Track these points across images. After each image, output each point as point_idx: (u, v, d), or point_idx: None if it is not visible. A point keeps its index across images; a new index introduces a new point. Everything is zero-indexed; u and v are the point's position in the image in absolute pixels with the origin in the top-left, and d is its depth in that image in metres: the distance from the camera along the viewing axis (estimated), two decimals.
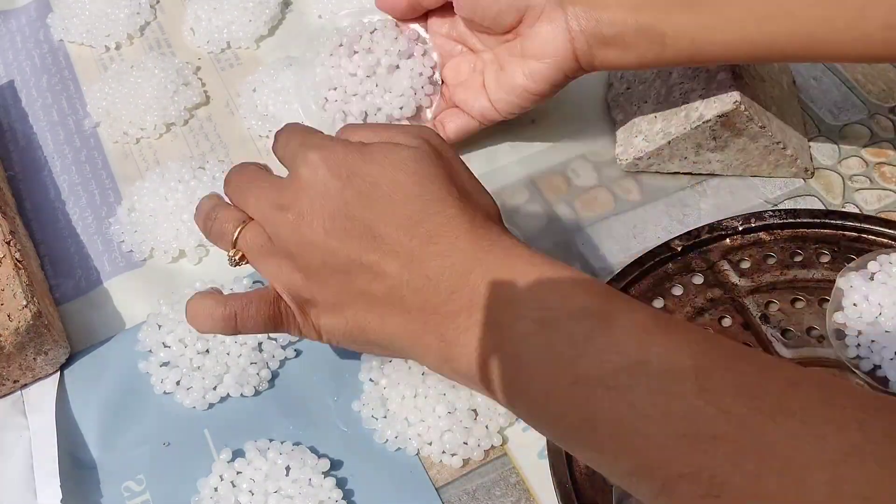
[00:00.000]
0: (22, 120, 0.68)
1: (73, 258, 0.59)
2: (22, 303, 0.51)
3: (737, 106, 0.54)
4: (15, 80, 0.71)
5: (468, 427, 0.49)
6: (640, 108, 0.61)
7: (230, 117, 0.67)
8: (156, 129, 0.66)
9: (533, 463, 0.49)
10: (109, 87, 0.67)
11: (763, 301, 0.52)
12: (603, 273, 0.55)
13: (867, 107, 0.62)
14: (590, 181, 0.60)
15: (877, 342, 0.48)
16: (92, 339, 0.55)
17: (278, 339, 0.53)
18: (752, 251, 0.54)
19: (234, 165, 0.48)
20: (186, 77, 0.68)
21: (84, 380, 0.54)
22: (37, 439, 0.51)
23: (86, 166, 0.65)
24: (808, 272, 0.53)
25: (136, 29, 0.73)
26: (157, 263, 0.59)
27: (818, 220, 0.54)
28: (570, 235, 0.58)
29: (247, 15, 0.71)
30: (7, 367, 0.51)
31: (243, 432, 0.50)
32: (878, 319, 0.48)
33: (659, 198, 0.59)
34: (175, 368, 0.52)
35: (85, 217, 0.62)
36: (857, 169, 0.59)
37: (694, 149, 0.57)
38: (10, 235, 0.55)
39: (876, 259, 0.50)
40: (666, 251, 0.54)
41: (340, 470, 0.49)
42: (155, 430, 0.51)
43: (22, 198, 0.63)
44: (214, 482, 0.48)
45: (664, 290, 0.53)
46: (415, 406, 0.49)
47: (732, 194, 0.58)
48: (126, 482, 0.49)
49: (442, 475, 0.49)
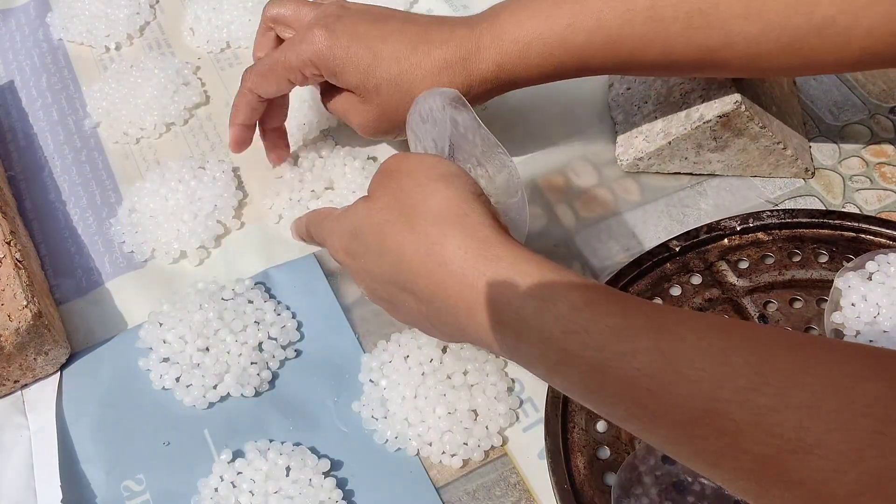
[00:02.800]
0: (22, 120, 0.68)
1: (73, 258, 0.60)
2: (22, 303, 0.51)
3: (737, 106, 0.55)
4: (15, 80, 0.71)
5: (468, 428, 0.49)
6: (641, 108, 0.61)
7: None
8: (156, 129, 0.66)
9: (533, 463, 0.49)
10: (109, 87, 0.67)
11: (761, 301, 0.52)
12: (603, 273, 0.55)
13: (867, 107, 0.62)
14: (590, 181, 0.60)
15: (875, 342, 0.48)
16: (92, 340, 0.55)
17: (278, 339, 0.54)
18: (751, 251, 0.54)
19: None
20: (186, 77, 0.68)
21: (84, 380, 0.54)
22: (37, 439, 0.51)
23: (86, 166, 0.65)
24: (807, 272, 0.53)
25: (136, 29, 0.73)
26: (158, 264, 0.59)
27: (816, 221, 0.54)
28: (570, 235, 0.58)
29: (246, 14, 0.71)
30: (7, 367, 0.52)
31: (243, 432, 0.51)
32: (877, 319, 0.48)
33: (659, 198, 0.59)
34: (175, 365, 0.52)
35: (85, 217, 0.62)
36: (857, 169, 0.59)
37: (694, 149, 0.57)
38: (10, 235, 0.55)
39: (874, 259, 0.50)
40: (664, 251, 0.54)
41: (340, 470, 0.49)
42: (155, 430, 0.51)
43: (22, 198, 0.63)
44: (215, 482, 0.48)
45: (663, 291, 0.53)
46: (415, 407, 0.50)
47: (733, 194, 0.58)
48: (126, 482, 0.50)
49: (442, 475, 0.49)
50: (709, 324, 0.36)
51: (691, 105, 0.57)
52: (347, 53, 0.52)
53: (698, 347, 0.34)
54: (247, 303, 0.55)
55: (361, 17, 0.54)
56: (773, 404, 0.32)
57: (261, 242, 0.59)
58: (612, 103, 0.64)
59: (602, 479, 0.46)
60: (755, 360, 0.33)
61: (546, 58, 0.51)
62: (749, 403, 0.32)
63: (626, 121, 0.61)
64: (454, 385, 0.50)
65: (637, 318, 0.36)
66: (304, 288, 0.56)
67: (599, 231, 0.58)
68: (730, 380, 0.33)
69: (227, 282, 0.56)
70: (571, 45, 0.50)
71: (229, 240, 0.60)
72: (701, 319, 0.36)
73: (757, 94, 0.57)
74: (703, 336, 0.35)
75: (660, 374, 0.34)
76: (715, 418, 0.33)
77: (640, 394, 0.35)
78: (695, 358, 0.34)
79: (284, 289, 0.56)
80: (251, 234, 0.60)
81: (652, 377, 0.34)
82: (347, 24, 0.53)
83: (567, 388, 0.40)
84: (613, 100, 0.64)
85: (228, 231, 0.60)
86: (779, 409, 0.31)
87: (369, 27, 0.53)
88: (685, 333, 0.35)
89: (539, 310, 0.38)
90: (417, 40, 0.52)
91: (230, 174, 0.62)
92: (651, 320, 0.36)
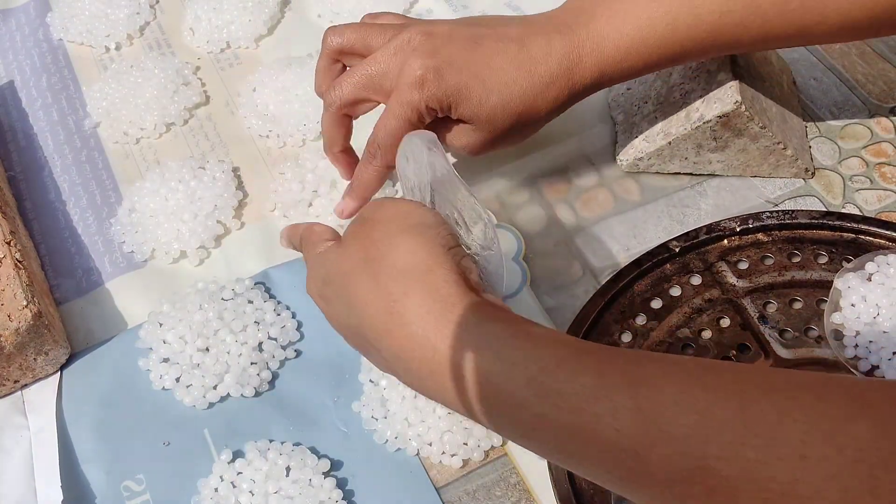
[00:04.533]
0: (22, 120, 0.68)
1: (73, 258, 0.60)
2: (22, 303, 0.51)
3: (737, 106, 0.54)
4: (15, 80, 0.71)
5: (468, 428, 0.49)
6: (641, 108, 0.61)
7: (230, 117, 0.67)
8: (156, 129, 0.66)
9: (533, 463, 0.49)
10: (109, 87, 0.67)
11: (761, 302, 0.52)
12: (603, 273, 0.55)
13: (867, 107, 0.62)
14: (590, 181, 0.60)
15: (875, 342, 0.48)
16: (92, 340, 0.55)
17: (278, 340, 0.54)
18: (750, 252, 0.54)
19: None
20: (186, 77, 0.68)
21: (84, 380, 0.54)
22: (37, 439, 0.51)
23: (86, 166, 0.65)
24: (806, 273, 0.53)
25: (136, 29, 0.73)
26: (158, 264, 0.59)
27: (816, 222, 0.54)
28: (570, 235, 0.58)
29: (246, 15, 0.71)
30: (7, 367, 0.52)
31: (243, 432, 0.51)
32: (876, 320, 0.48)
33: (659, 198, 0.59)
34: (175, 365, 0.53)
35: (85, 217, 0.62)
36: (857, 169, 0.59)
37: (694, 149, 0.57)
38: (10, 235, 0.55)
39: (873, 260, 0.50)
40: (664, 252, 0.54)
41: (340, 470, 0.49)
42: (155, 430, 0.51)
43: (22, 198, 0.63)
44: (215, 482, 0.48)
45: (662, 291, 0.53)
46: (415, 407, 0.50)
47: (733, 194, 0.58)
48: (126, 482, 0.50)
49: (442, 475, 0.49)
50: (687, 372, 0.34)
51: (691, 105, 0.57)
52: (457, 89, 0.50)
53: (680, 402, 0.33)
54: (247, 303, 0.55)
55: (455, 44, 0.51)
56: (762, 457, 0.31)
57: (261, 242, 0.59)
58: (612, 103, 0.64)
59: None
60: (739, 410, 0.32)
61: (647, 58, 0.51)
62: (738, 458, 0.31)
63: (626, 121, 0.61)
64: None
65: (613, 374, 0.35)
66: (303, 288, 0.56)
67: (599, 231, 0.58)
68: (716, 435, 0.31)
69: (227, 282, 0.56)
70: (672, 41, 0.50)
71: (229, 240, 0.60)
72: (679, 367, 0.35)
73: (757, 94, 0.57)
74: (684, 388, 0.33)
75: (642, 433, 0.33)
76: (705, 477, 0.32)
77: (623, 455, 0.33)
78: (677, 414, 0.32)
79: (284, 289, 0.56)
80: (251, 234, 0.60)
81: (634, 437, 0.33)
82: (445, 56, 0.51)
83: (544, 452, 0.38)
84: (613, 100, 0.64)
85: (228, 231, 0.60)
86: (769, 462, 0.30)
87: (468, 55, 0.51)
88: (664, 386, 0.33)
89: (509, 374, 0.36)
90: (520, 60, 0.51)
91: (230, 174, 0.62)
92: (627, 375, 0.34)
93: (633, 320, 0.52)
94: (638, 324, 0.52)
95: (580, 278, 0.56)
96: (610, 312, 0.52)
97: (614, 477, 0.35)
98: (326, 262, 0.45)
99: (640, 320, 0.52)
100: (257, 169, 0.63)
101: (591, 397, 0.34)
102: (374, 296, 0.41)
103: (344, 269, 0.43)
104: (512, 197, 0.60)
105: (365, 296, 0.42)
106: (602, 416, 0.34)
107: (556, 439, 0.36)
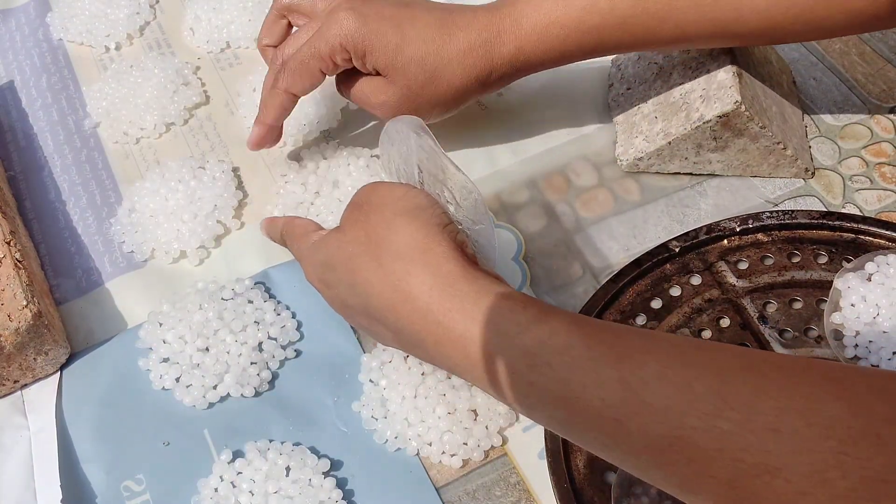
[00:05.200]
0: (22, 120, 0.68)
1: (73, 258, 0.60)
2: (22, 303, 0.51)
3: (737, 106, 0.55)
4: (15, 80, 0.71)
5: (468, 428, 0.49)
6: (641, 108, 0.61)
7: (230, 117, 0.67)
8: (156, 129, 0.66)
9: (533, 463, 0.49)
10: (109, 87, 0.67)
11: (761, 302, 0.52)
12: (603, 273, 0.55)
13: (867, 107, 0.62)
14: (590, 181, 0.60)
15: (874, 342, 0.48)
16: (92, 340, 0.55)
17: (278, 339, 0.54)
18: (750, 252, 0.54)
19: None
20: (186, 77, 0.68)
21: (84, 380, 0.54)
22: (37, 439, 0.51)
23: (86, 166, 0.65)
24: (806, 273, 0.53)
25: (136, 29, 0.73)
26: (158, 264, 0.59)
27: (815, 222, 0.54)
28: (570, 235, 0.58)
29: (246, 14, 0.71)
30: (7, 367, 0.52)
31: (243, 432, 0.51)
32: (876, 320, 0.48)
33: (659, 198, 0.59)
34: (175, 365, 0.53)
35: (85, 217, 0.62)
36: (857, 169, 0.59)
37: (694, 149, 0.57)
38: (10, 235, 0.55)
39: (873, 260, 0.50)
40: (664, 252, 0.54)
41: (340, 470, 0.49)
42: (155, 430, 0.51)
43: (22, 198, 0.63)
44: (214, 482, 0.48)
45: (662, 291, 0.53)
46: (415, 407, 0.50)
47: (733, 194, 0.58)
48: (126, 482, 0.50)
49: (442, 475, 0.49)
50: (671, 348, 0.36)
51: (691, 105, 0.57)
52: (377, 34, 0.53)
53: (662, 375, 0.35)
54: (247, 303, 0.55)
55: (385, 1, 0.55)
56: (736, 430, 0.32)
57: (261, 242, 0.59)
58: (612, 103, 0.64)
59: (602, 479, 0.46)
60: (717, 385, 0.33)
61: (563, 40, 0.53)
62: (714, 430, 0.33)
63: (626, 121, 0.61)
64: (454, 385, 0.50)
65: (600, 347, 0.37)
66: (304, 288, 0.56)
67: (599, 231, 0.58)
68: (694, 407, 0.33)
69: (227, 282, 0.56)
70: (588, 26, 0.52)
71: (229, 240, 0.60)
72: (664, 343, 0.37)
73: (757, 94, 0.57)
74: (667, 363, 0.35)
75: (625, 404, 0.35)
76: (683, 446, 0.33)
77: (608, 424, 0.36)
78: (659, 386, 0.34)
79: (284, 289, 0.56)
80: (251, 234, 0.60)
81: (617, 408, 0.35)
82: (373, 6, 0.54)
83: (536, 418, 0.41)
84: (613, 100, 0.64)
85: (228, 231, 0.60)
86: (742, 434, 0.32)
87: (395, 10, 0.54)
88: (648, 360, 0.35)
89: (504, 345, 0.39)
90: (443, 23, 0.54)
91: (230, 174, 0.62)
92: (614, 348, 0.36)
93: (633, 320, 0.52)
94: (638, 324, 0.52)
95: (580, 278, 0.56)
96: (610, 312, 0.53)
97: (599, 444, 0.37)
98: (327, 249, 0.47)
99: (640, 320, 0.52)
100: (257, 169, 0.63)
101: (579, 368, 0.37)
102: (378, 276, 0.44)
103: (346, 253, 0.46)
104: (512, 197, 0.60)
105: (370, 277, 0.44)
106: (588, 387, 0.36)
107: (547, 406, 0.38)
